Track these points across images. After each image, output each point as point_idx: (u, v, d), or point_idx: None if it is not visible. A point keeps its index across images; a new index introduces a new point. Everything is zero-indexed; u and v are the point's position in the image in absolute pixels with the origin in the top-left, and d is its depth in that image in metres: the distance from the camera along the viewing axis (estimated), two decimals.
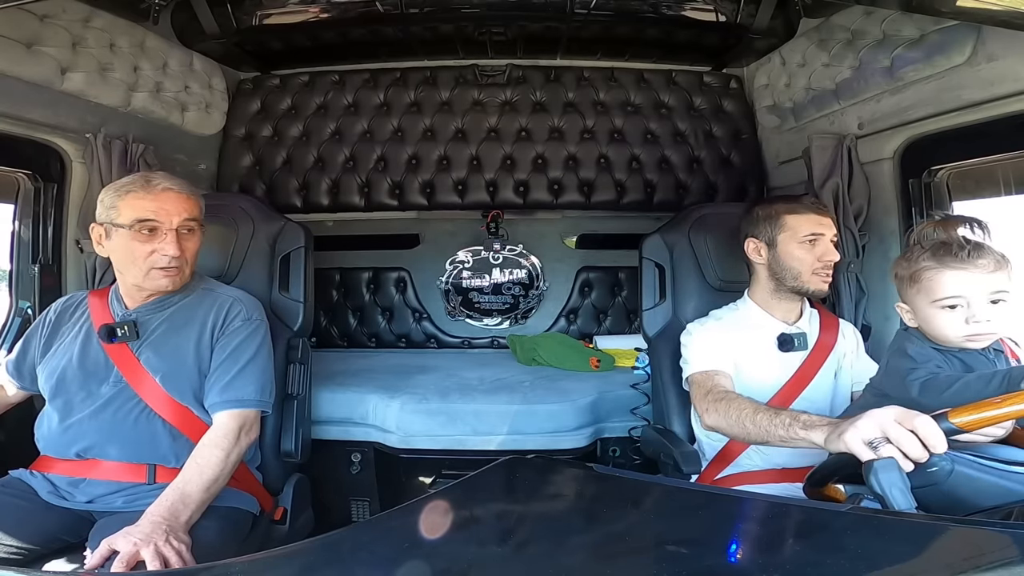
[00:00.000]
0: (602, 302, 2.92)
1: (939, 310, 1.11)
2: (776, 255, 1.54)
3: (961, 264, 1.08)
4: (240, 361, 1.46)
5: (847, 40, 1.97)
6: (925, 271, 1.11)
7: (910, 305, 1.17)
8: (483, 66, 2.79)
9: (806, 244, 1.52)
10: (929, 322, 1.13)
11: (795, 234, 1.52)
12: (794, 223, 1.53)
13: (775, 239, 1.54)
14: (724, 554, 0.83)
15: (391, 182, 2.83)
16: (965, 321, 1.09)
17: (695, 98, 2.79)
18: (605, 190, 2.83)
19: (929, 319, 1.13)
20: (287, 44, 2.52)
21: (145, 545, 1.13)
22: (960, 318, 1.09)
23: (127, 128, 2.03)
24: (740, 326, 1.59)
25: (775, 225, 1.54)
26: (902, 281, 1.18)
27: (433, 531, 0.86)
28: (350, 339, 2.93)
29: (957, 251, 1.08)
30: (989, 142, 1.62)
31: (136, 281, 1.45)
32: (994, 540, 0.82)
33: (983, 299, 1.08)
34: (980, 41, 1.51)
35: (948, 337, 1.12)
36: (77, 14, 1.80)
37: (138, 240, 1.40)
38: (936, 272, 1.10)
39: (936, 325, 1.12)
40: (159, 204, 1.41)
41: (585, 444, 2.03)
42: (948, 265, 1.09)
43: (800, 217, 1.53)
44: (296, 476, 1.69)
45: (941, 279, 1.09)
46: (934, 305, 1.11)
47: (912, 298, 1.15)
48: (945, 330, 1.11)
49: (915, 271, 1.13)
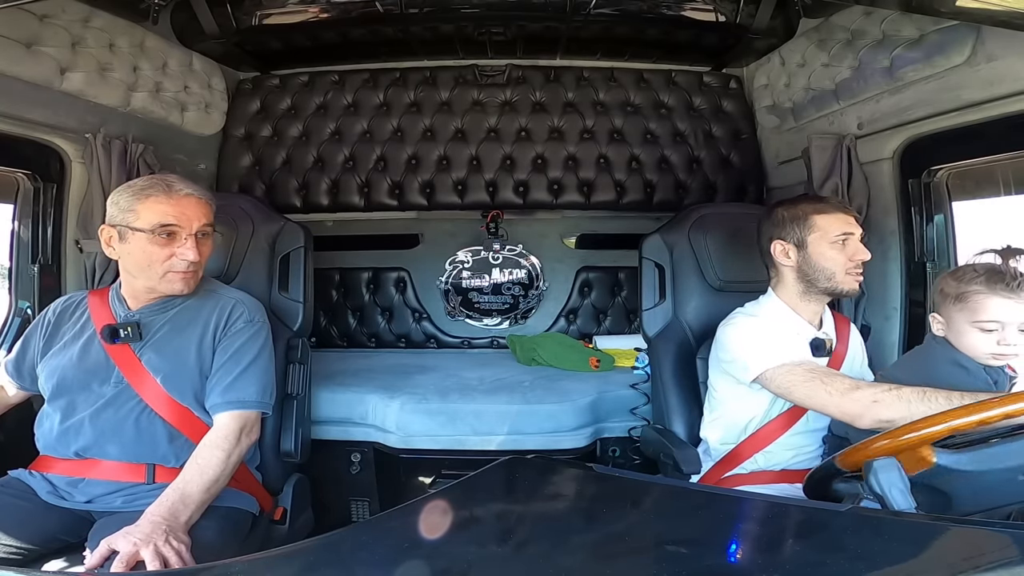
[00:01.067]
0: (602, 302, 2.91)
1: (976, 330, 1.20)
2: (807, 256, 1.50)
3: (1009, 293, 1.17)
4: (242, 363, 1.46)
5: (847, 40, 1.97)
6: (975, 294, 1.20)
7: (947, 319, 1.26)
8: (483, 66, 2.79)
9: (838, 244, 1.48)
10: (962, 336, 1.23)
11: (826, 234, 1.48)
12: (824, 223, 1.49)
13: (805, 240, 1.50)
14: (724, 554, 0.83)
15: (391, 182, 2.83)
16: (996, 343, 1.19)
17: (695, 98, 2.79)
18: (605, 190, 2.82)
19: (964, 334, 1.22)
20: (287, 44, 2.52)
21: (145, 545, 1.13)
22: (993, 340, 1.19)
23: (127, 128, 2.03)
24: (773, 322, 1.53)
25: (804, 226, 1.50)
26: (946, 297, 1.25)
27: (433, 531, 0.86)
28: (350, 339, 2.93)
29: (1009, 281, 1.17)
30: (989, 142, 1.62)
31: (151, 284, 1.44)
32: (994, 540, 0.83)
33: (1016, 326, 1.18)
34: (979, 41, 1.51)
35: (976, 354, 1.22)
36: (76, 14, 1.80)
37: (157, 244, 1.39)
38: (985, 297, 1.19)
39: (969, 341, 1.22)
40: (180, 209, 1.41)
41: (585, 444, 2.03)
42: (997, 292, 1.17)
43: (829, 217, 1.50)
44: (296, 476, 1.69)
45: (988, 303, 1.18)
46: (974, 325, 1.20)
47: (953, 314, 1.24)
48: (977, 348, 1.21)
49: (964, 291, 1.21)
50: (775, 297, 1.57)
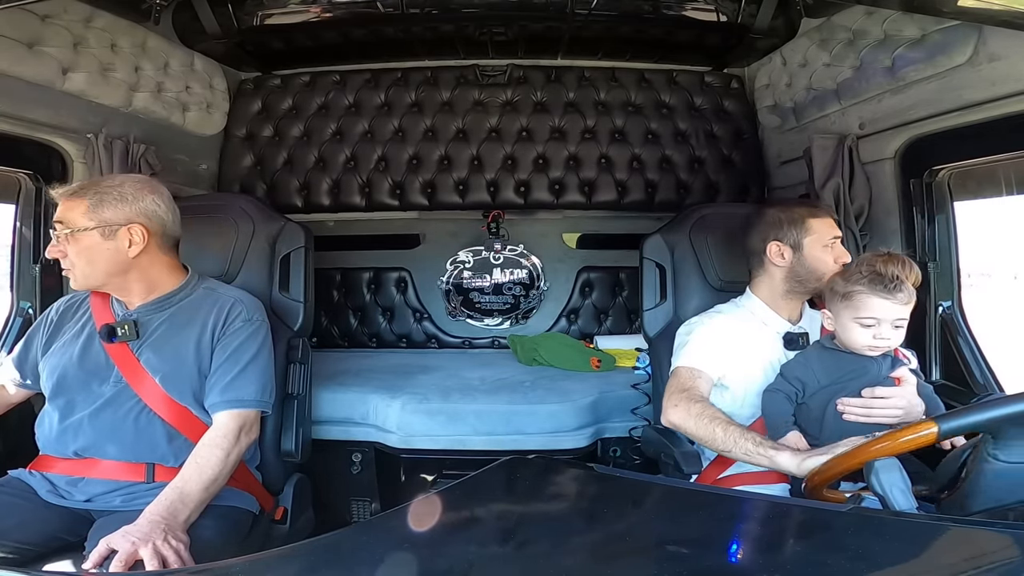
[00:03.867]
0: (603, 302, 2.91)
1: (854, 323, 1.36)
2: (801, 258, 1.56)
3: (887, 294, 1.32)
4: (241, 362, 1.46)
5: (848, 40, 1.97)
6: (858, 293, 1.35)
7: (835, 314, 1.41)
8: (484, 66, 2.79)
9: (829, 247, 1.55)
10: (846, 330, 1.38)
11: (820, 238, 1.55)
12: (818, 227, 1.56)
13: (800, 242, 1.56)
14: (724, 554, 0.83)
15: (392, 182, 2.83)
16: (872, 336, 1.34)
17: (696, 98, 2.79)
18: (606, 190, 2.82)
19: (847, 328, 1.38)
20: (288, 44, 2.52)
21: (144, 544, 1.13)
22: (870, 334, 1.35)
23: (128, 128, 2.03)
24: (746, 322, 1.60)
25: (800, 229, 1.56)
26: (835, 295, 1.40)
27: (434, 531, 0.86)
28: (351, 339, 2.93)
29: (888, 283, 1.32)
30: (990, 142, 1.62)
31: None
32: (995, 540, 0.83)
33: (890, 323, 1.34)
34: (981, 41, 1.51)
35: (856, 345, 1.37)
36: (78, 14, 1.80)
37: None
38: (867, 296, 1.34)
39: (851, 334, 1.37)
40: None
41: (586, 444, 2.03)
42: (877, 293, 1.33)
43: (821, 221, 1.57)
44: (296, 476, 1.69)
45: (868, 302, 1.34)
46: (855, 320, 1.36)
47: (840, 310, 1.39)
48: (857, 340, 1.36)
49: (850, 291, 1.36)
50: (753, 296, 1.63)
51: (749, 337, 1.57)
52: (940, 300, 1.89)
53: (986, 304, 2.90)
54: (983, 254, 2.02)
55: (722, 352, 1.55)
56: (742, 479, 1.50)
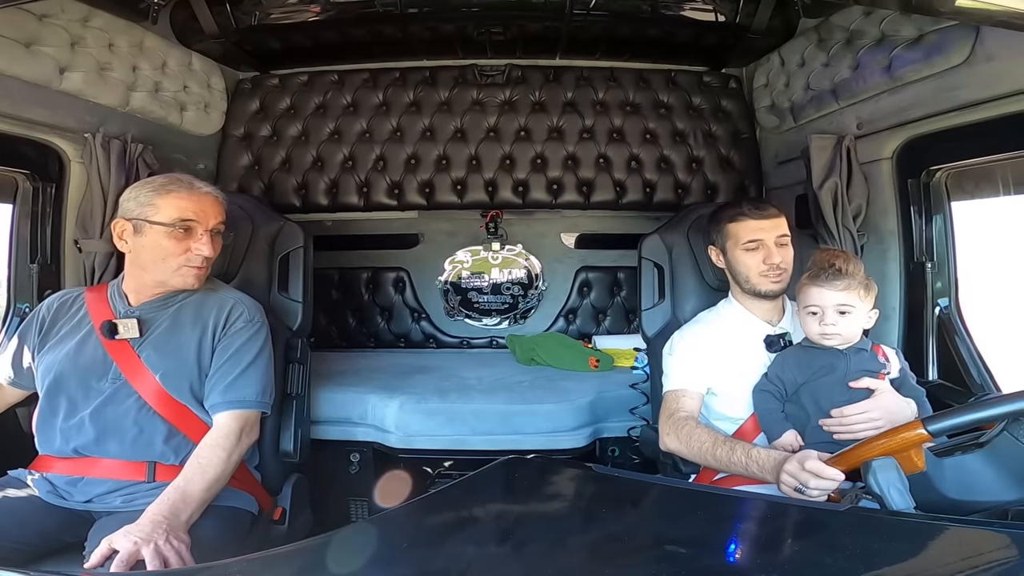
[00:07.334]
0: (601, 302, 2.91)
1: (805, 314, 1.45)
2: (729, 261, 1.63)
3: (821, 283, 1.42)
4: (242, 363, 1.47)
5: (846, 40, 1.97)
6: (803, 286, 1.46)
7: (798, 308, 1.50)
8: (482, 66, 2.79)
9: (752, 250, 1.58)
10: (803, 323, 1.48)
11: (738, 241, 1.60)
12: (735, 230, 1.60)
13: (725, 247, 1.63)
14: (722, 554, 0.83)
15: (390, 182, 2.83)
16: (819, 323, 1.43)
17: (694, 98, 2.80)
18: (604, 190, 2.83)
19: (803, 320, 1.48)
20: (286, 44, 2.52)
21: (145, 544, 1.13)
22: (816, 321, 1.43)
23: (126, 128, 2.02)
24: (726, 326, 1.63)
25: (722, 234, 1.63)
26: (797, 291, 1.49)
27: (432, 531, 0.86)
28: (349, 339, 2.92)
29: (821, 273, 1.43)
30: (987, 142, 1.63)
31: (162, 278, 1.46)
32: (993, 540, 0.83)
33: (832, 309, 1.41)
34: (979, 41, 1.51)
35: (810, 335, 1.46)
36: (76, 14, 1.79)
37: (174, 238, 1.43)
38: (808, 287, 1.45)
39: (805, 326, 1.47)
40: (200, 206, 1.46)
41: (584, 444, 2.04)
42: (815, 283, 1.43)
43: (739, 224, 1.60)
44: (295, 476, 1.69)
45: (810, 292, 1.44)
46: (804, 310, 1.46)
47: (798, 304, 1.49)
48: (810, 330, 1.46)
49: (800, 285, 1.48)
50: (732, 299, 1.67)
51: (730, 342, 1.59)
52: (937, 300, 1.90)
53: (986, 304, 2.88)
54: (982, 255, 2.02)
55: (703, 364, 1.58)
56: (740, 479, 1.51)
